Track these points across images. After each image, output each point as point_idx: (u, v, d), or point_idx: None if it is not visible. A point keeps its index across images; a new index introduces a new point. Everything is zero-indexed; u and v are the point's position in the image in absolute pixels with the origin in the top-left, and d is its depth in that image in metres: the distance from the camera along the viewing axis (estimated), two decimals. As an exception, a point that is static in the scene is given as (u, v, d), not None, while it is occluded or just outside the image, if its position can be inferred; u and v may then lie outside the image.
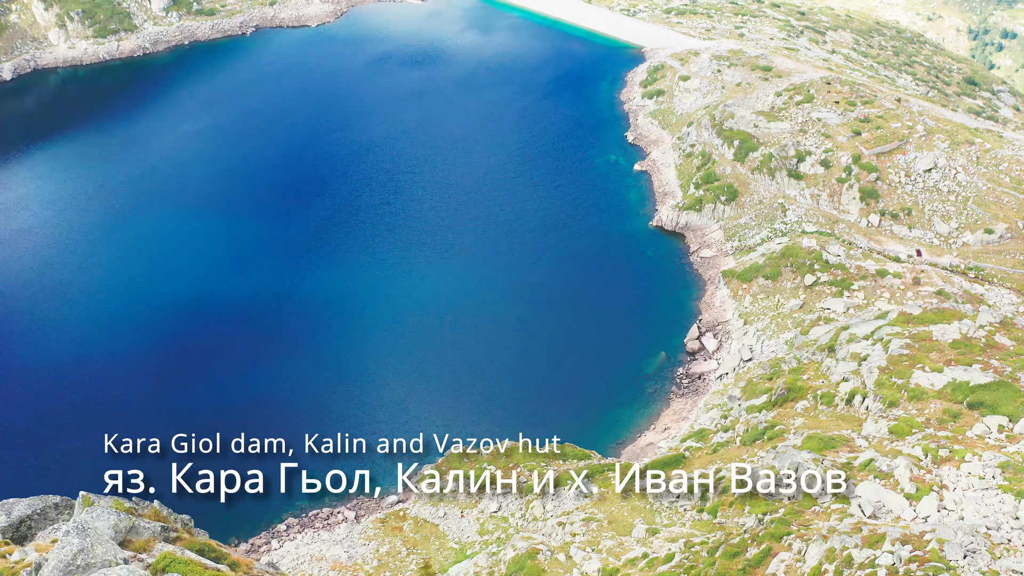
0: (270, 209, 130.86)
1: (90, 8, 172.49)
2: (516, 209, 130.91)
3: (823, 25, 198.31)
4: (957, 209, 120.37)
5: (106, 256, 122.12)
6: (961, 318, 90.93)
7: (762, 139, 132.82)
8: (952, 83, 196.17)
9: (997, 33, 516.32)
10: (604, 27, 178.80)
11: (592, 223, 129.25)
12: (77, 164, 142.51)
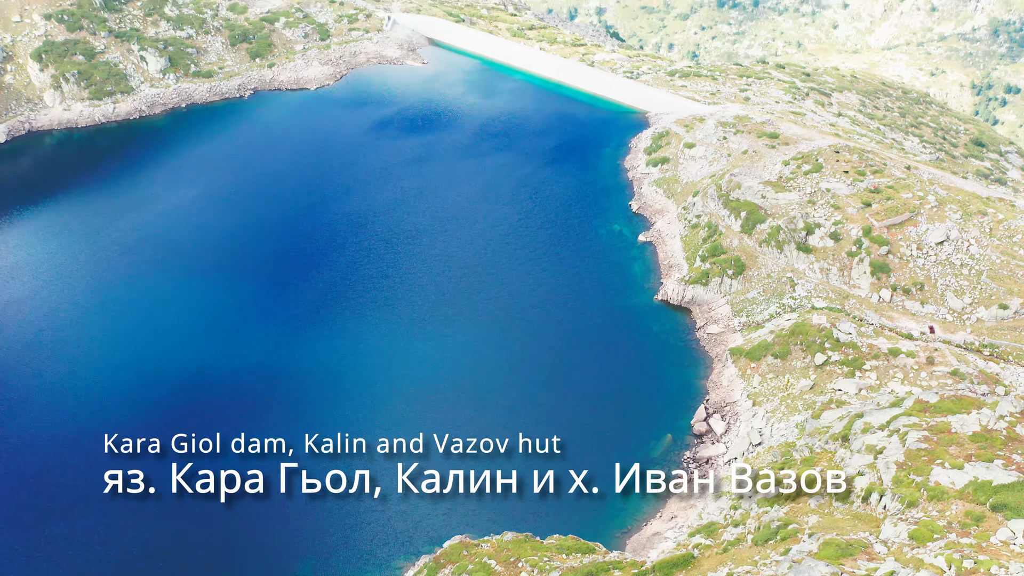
0: (268, 280, 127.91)
1: (86, 69, 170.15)
2: (517, 282, 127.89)
3: (828, 87, 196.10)
4: (970, 283, 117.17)
5: (98, 328, 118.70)
6: (980, 407, 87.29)
7: (770, 210, 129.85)
8: (959, 144, 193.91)
9: (1001, 88, 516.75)
10: (607, 91, 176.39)
11: (595, 297, 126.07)
12: (70, 230, 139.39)
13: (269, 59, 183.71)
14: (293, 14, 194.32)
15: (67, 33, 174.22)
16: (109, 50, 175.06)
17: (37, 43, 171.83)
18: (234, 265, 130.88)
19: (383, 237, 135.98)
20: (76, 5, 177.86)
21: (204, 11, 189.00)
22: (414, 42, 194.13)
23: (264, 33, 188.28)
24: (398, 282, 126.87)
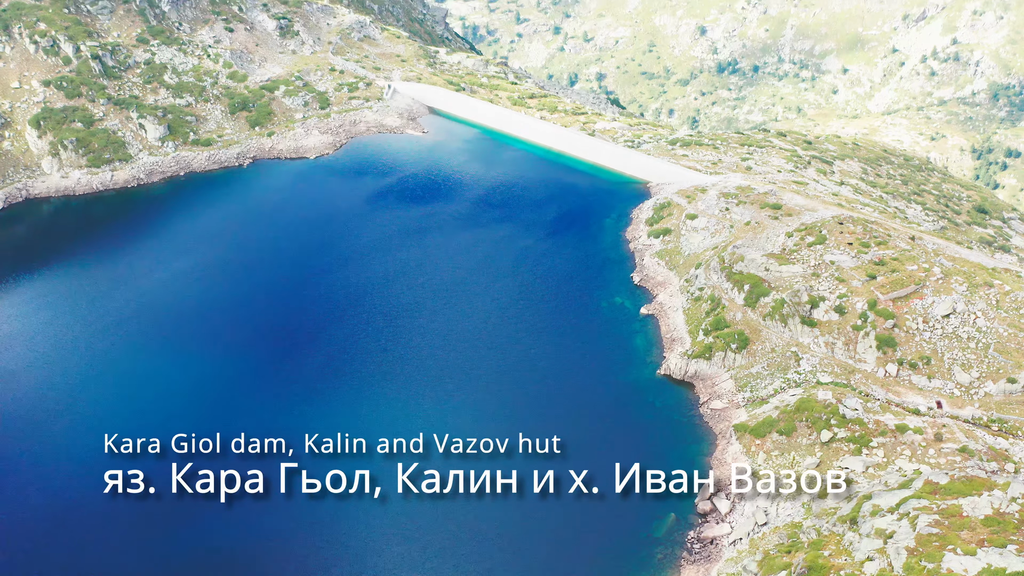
0: (265, 353, 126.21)
1: (85, 137, 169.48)
2: (518, 356, 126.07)
3: (830, 155, 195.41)
4: (978, 357, 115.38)
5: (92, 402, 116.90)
6: (991, 488, 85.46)
7: (773, 283, 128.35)
8: (962, 212, 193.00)
9: (1001, 152, 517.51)
10: (608, 160, 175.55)
11: (597, 371, 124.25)
12: (65, 301, 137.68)
13: (269, 127, 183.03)
14: (293, 82, 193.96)
15: (66, 100, 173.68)
16: (108, 117, 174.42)
17: (36, 110, 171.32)
18: (231, 337, 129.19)
19: (382, 310, 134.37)
20: (75, 72, 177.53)
21: (204, 79, 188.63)
22: (414, 111, 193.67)
23: (264, 101, 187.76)
24: (397, 356, 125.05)
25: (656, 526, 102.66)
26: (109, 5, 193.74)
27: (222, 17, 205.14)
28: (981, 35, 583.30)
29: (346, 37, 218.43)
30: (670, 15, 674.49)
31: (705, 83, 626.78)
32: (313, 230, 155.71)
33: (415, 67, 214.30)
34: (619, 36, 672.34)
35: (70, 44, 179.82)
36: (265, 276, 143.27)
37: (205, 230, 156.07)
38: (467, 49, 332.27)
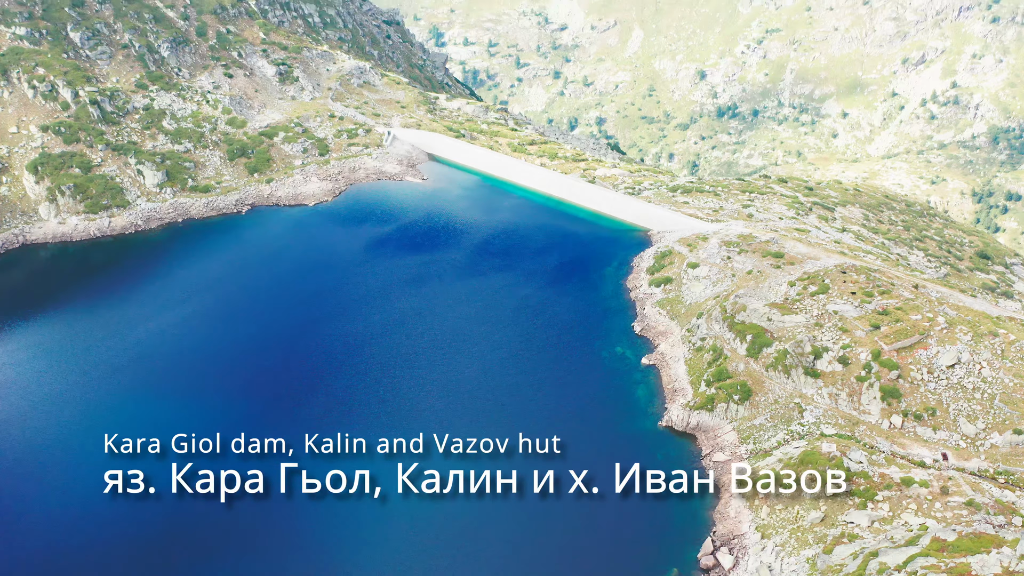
0: (261, 404, 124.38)
1: (82, 182, 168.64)
2: (518, 408, 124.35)
3: (832, 201, 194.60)
4: (983, 408, 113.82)
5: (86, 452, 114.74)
6: (1000, 545, 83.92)
7: (776, 333, 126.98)
8: (964, 257, 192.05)
9: (1002, 196, 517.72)
10: (608, 208, 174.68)
11: (598, 423, 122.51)
12: (61, 348, 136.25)
13: (267, 174, 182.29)
14: (292, 129, 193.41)
15: (64, 145, 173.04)
16: (106, 163, 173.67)
17: (33, 155, 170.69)
18: (228, 388, 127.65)
19: (380, 360, 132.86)
20: (73, 117, 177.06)
21: (203, 125, 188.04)
22: (414, 158, 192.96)
23: (263, 148, 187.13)
24: (396, 408, 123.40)
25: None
26: (108, 50, 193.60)
27: (221, 63, 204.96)
28: (980, 78, 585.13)
29: (346, 83, 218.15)
30: (670, 59, 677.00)
31: (705, 127, 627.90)
32: (311, 278, 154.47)
33: (415, 113, 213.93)
34: (619, 80, 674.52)
35: (68, 89, 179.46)
36: (263, 325, 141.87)
37: (203, 278, 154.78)
38: (467, 95, 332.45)
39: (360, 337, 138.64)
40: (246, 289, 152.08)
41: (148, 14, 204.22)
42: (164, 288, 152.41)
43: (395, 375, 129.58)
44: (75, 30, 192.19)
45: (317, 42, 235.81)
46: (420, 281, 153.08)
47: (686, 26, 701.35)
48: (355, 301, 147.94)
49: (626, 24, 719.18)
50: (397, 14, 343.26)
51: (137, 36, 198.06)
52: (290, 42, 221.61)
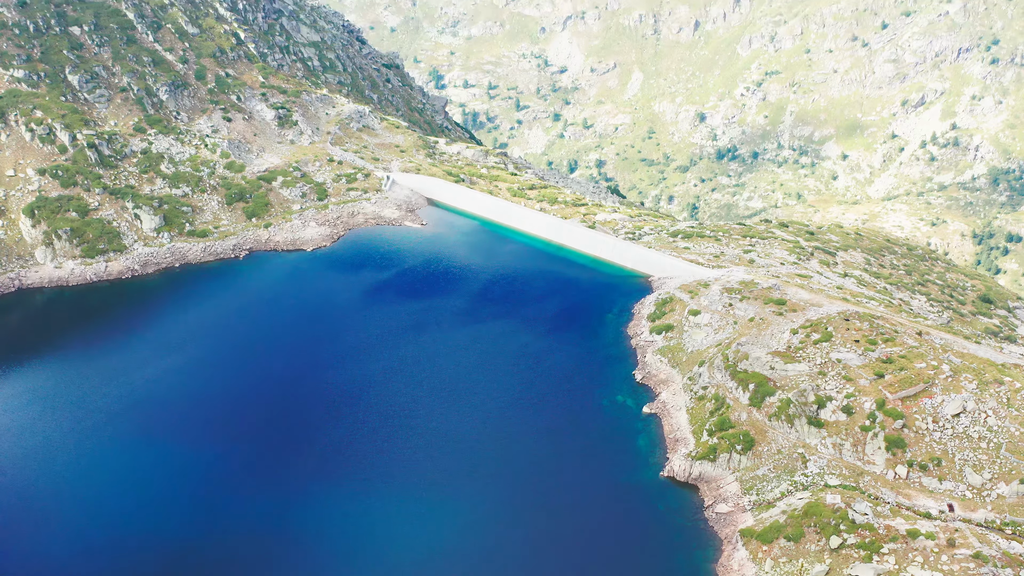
0: (257, 454, 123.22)
1: (79, 226, 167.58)
2: (518, 457, 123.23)
3: (833, 245, 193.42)
4: (989, 458, 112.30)
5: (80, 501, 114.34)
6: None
7: (779, 382, 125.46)
8: (967, 302, 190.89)
9: (1002, 237, 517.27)
10: (608, 254, 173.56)
11: (599, 473, 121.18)
12: (57, 394, 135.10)
13: (265, 219, 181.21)
14: (291, 173, 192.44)
15: (61, 189, 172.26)
16: (103, 207, 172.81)
17: (30, 198, 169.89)
18: (223, 436, 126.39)
19: (379, 409, 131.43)
20: (71, 161, 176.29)
21: (201, 169, 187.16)
22: (413, 202, 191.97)
23: (261, 192, 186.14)
24: (394, 458, 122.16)
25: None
26: (106, 94, 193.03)
27: (220, 106, 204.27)
28: (980, 120, 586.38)
29: (345, 127, 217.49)
30: (669, 102, 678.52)
31: (705, 169, 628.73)
32: (309, 325, 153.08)
33: (414, 158, 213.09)
34: (619, 123, 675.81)
35: (66, 132, 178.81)
36: (260, 372, 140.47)
37: (199, 324, 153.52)
38: (467, 138, 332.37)
39: (359, 385, 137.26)
40: (243, 335, 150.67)
41: (147, 57, 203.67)
42: (160, 334, 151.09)
43: (394, 424, 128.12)
44: (73, 73, 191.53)
45: (317, 86, 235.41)
46: (419, 328, 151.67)
47: (685, 68, 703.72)
48: (354, 348, 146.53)
49: (625, 67, 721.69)
50: (397, 57, 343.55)
51: (136, 79, 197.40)
52: (289, 86, 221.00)
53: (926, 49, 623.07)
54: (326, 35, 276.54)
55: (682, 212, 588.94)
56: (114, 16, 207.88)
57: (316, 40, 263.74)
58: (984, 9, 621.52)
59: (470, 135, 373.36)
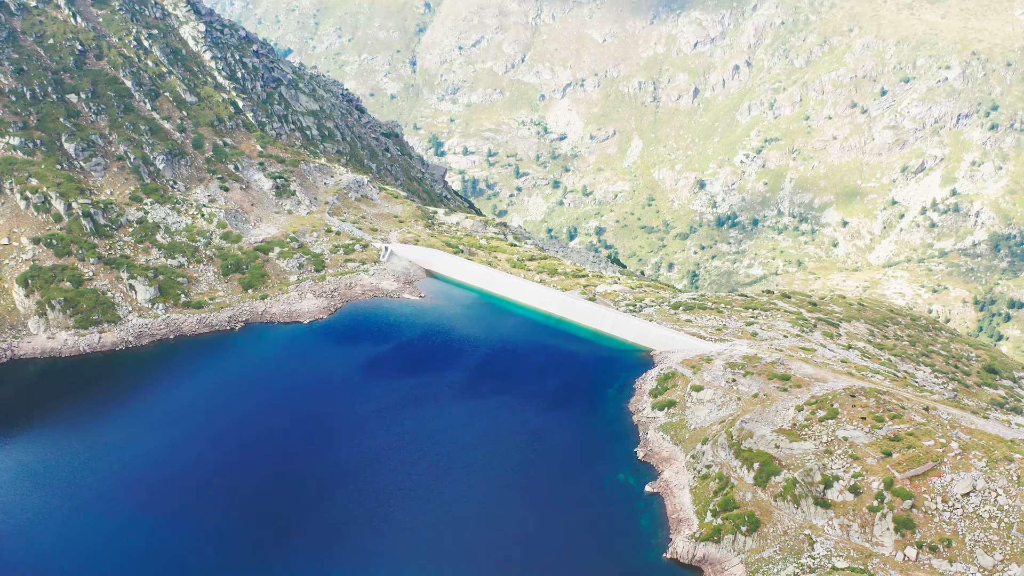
0: (249, 535, 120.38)
1: (73, 296, 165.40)
2: (517, 538, 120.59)
3: (836, 316, 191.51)
4: (1000, 538, 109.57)
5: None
6: None
7: (784, 461, 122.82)
8: (972, 372, 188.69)
9: (1004, 303, 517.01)
10: (609, 327, 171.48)
11: (601, 554, 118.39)
12: (47, 469, 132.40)
13: (262, 290, 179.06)
14: (288, 244, 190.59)
15: (55, 258, 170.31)
16: (97, 277, 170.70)
17: (24, 267, 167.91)
18: (215, 516, 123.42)
19: (375, 488, 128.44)
20: (66, 230, 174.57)
21: (197, 239, 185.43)
22: (411, 274, 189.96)
23: (258, 263, 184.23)
24: (391, 539, 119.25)
25: None
26: (103, 162, 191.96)
27: (217, 176, 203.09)
28: (980, 186, 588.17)
29: (343, 197, 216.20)
30: (669, 169, 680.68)
31: (705, 236, 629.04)
32: (305, 401, 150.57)
33: (413, 228, 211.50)
34: (618, 190, 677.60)
35: (61, 201, 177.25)
36: (255, 449, 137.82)
37: (193, 398, 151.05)
38: (466, 208, 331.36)
39: (355, 463, 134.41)
40: (238, 411, 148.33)
41: (144, 126, 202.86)
42: (153, 408, 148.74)
43: (391, 505, 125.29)
44: (70, 141, 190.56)
45: (315, 155, 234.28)
46: (417, 403, 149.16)
47: (685, 135, 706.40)
48: (350, 425, 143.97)
49: (625, 134, 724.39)
50: (396, 126, 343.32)
51: (132, 148, 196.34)
52: (287, 155, 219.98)
53: (925, 115, 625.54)
54: (325, 104, 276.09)
55: (682, 280, 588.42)
56: (112, 84, 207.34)
57: (315, 109, 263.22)
58: (983, 75, 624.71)
59: (469, 204, 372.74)
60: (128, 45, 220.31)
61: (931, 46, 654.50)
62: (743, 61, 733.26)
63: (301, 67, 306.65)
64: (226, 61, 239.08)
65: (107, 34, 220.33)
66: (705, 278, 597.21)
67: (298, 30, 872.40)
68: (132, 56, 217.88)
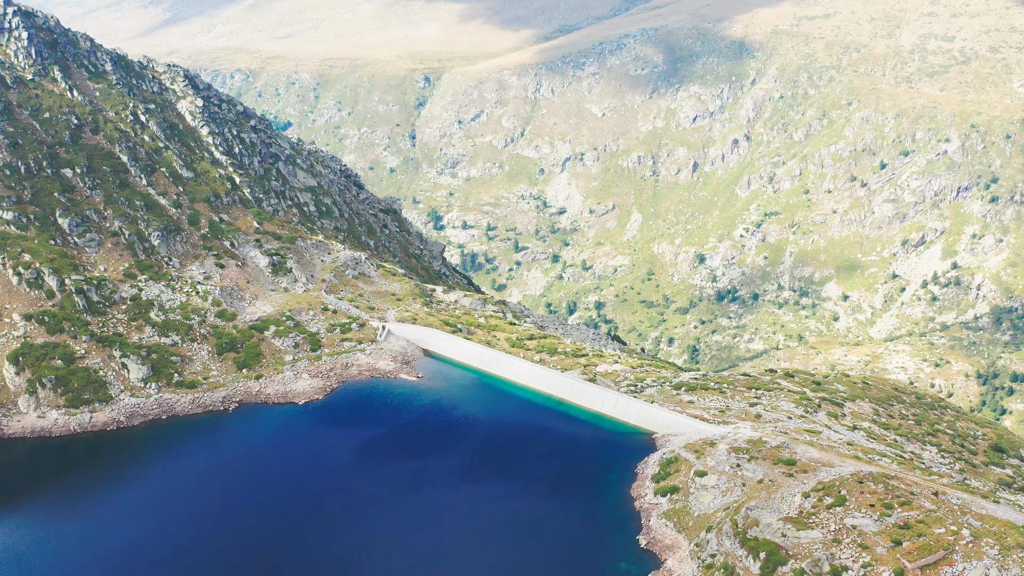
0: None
1: (64, 375, 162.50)
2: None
3: (840, 396, 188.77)
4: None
5: None
6: None
7: (791, 550, 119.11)
8: (979, 451, 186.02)
9: (1007, 377, 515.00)
10: (610, 409, 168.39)
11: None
12: (32, 554, 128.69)
13: (257, 370, 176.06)
14: (284, 322, 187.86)
15: (47, 335, 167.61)
16: (90, 355, 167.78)
17: (15, 344, 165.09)
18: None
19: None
20: (58, 306, 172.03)
21: (191, 317, 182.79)
22: (408, 354, 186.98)
23: (253, 342, 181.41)
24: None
25: None
26: (97, 237, 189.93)
27: (213, 252, 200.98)
28: (981, 258, 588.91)
29: (340, 274, 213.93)
30: (668, 243, 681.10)
31: (705, 311, 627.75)
32: (298, 484, 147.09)
33: (410, 306, 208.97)
34: (618, 264, 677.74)
35: (54, 277, 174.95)
36: (245, 535, 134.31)
37: (184, 482, 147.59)
38: (464, 285, 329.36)
39: (350, 552, 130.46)
40: (229, 495, 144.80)
41: (140, 201, 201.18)
42: (143, 492, 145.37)
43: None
44: (64, 216, 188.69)
45: (312, 231, 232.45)
46: (414, 489, 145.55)
47: (684, 209, 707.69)
48: (344, 511, 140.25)
49: (624, 208, 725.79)
50: (395, 202, 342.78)
51: (127, 224, 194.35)
52: (284, 231, 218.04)
53: (925, 188, 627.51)
54: (323, 180, 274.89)
55: (683, 355, 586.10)
56: (108, 159, 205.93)
57: (313, 185, 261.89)
58: (982, 148, 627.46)
59: (468, 281, 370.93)
60: (125, 119, 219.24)
61: (930, 119, 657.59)
62: (742, 135, 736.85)
63: (299, 142, 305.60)
64: (224, 136, 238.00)
65: (104, 108, 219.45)
66: (706, 353, 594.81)
67: (298, 103, 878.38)
68: (128, 130, 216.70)
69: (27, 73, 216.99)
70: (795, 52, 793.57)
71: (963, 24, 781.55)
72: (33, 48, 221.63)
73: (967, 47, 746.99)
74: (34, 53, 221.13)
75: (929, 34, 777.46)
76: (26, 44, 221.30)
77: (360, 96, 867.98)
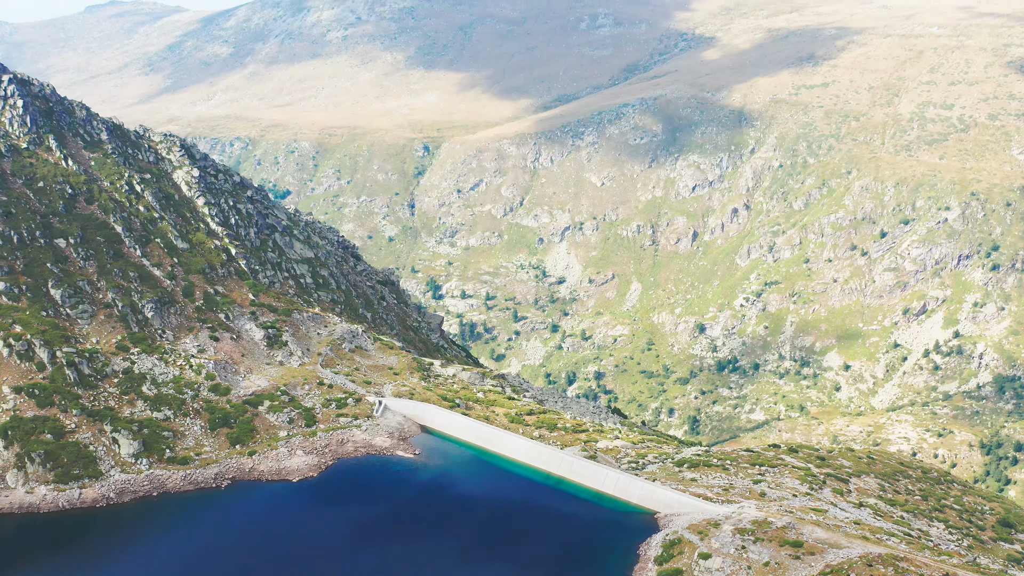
0: None
1: (54, 449, 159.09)
2: None
3: (845, 471, 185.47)
4: None
5: None
6: None
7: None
8: (987, 527, 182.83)
9: (1011, 446, 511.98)
10: (612, 488, 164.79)
11: None
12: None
13: (250, 446, 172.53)
14: (279, 397, 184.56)
15: (37, 409, 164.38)
16: (80, 429, 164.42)
17: (4, 418, 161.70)
18: None
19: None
20: (49, 379, 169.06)
21: (184, 391, 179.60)
22: (405, 430, 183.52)
23: (246, 417, 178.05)
24: None
25: None
26: (89, 309, 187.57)
27: (208, 325, 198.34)
28: (983, 327, 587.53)
29: (337, 348, 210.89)
30: (668, 313, 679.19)
31: (705, 381, 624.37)
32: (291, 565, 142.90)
33: (408, 381, 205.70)
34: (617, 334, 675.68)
35: (45, 349, 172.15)
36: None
37: (173, 561, 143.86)
38: (463, 358, 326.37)
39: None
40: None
41: (133, 272, 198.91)
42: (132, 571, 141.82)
43: None
44: (56, 287, 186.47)
45: (308, 304, 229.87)
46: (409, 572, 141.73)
47: (684, 279, 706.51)
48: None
49: (624, 277, 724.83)
50: (392, 273, 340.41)
51: (121, 295, 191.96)
52: (280, 304, 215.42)
53: (926, 257, 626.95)
54: (320, 251, 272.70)
55: (683, 425, 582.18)
56: (101, 229, 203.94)
57: (310, 256, 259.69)
58: (982, 216, 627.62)
59: (467, 353, 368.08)
60: (120, 189, 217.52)
61: (930, 187, 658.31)
62: (742, 204, 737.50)
63: (297, 213, 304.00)
64: (219, 207, 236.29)
65: (99, 177, 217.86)
66: (706, 424, 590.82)
67: (297, 171, 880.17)
68: (123, 200, 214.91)
69: (22, 141, 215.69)
70: (794, 121, 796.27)
71: (961, 92, 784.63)
72: (28, 116, 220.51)
73: (966, 115, 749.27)
74: (29, 121, 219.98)
75: (928, 102, 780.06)
76: (21, 112, 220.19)
77: (359, 165, 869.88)
